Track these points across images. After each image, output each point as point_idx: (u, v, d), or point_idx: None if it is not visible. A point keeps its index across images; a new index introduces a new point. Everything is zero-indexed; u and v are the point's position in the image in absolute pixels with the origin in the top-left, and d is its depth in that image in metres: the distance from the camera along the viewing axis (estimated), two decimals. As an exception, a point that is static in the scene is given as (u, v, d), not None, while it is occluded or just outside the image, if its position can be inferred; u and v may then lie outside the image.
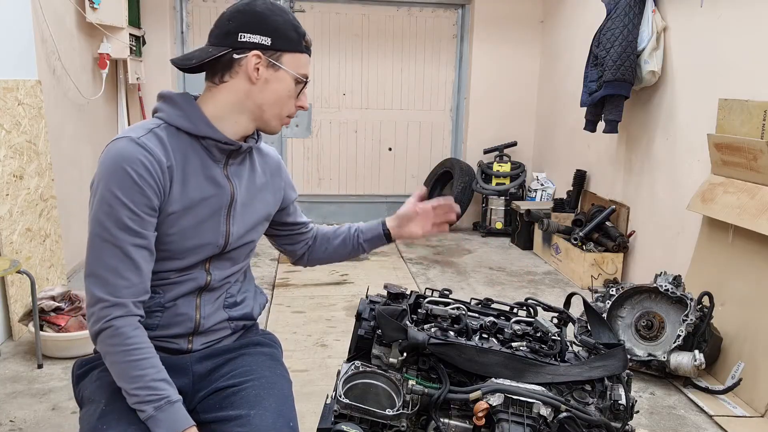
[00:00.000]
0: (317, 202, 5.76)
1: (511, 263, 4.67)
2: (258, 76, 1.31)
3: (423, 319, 1.46)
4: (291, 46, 1.33)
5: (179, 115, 1.32)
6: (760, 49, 2.89)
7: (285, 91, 1.35)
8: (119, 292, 1.22)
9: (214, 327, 1.41)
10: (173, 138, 1.31)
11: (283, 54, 1.33)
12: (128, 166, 1.23)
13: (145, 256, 1.26)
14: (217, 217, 1.36)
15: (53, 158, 3.45)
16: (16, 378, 2.68)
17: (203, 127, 1.32)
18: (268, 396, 1.33)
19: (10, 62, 3.09)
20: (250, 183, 1.43)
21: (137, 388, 1.20)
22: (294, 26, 1.34)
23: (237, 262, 1.44)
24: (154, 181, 1.25)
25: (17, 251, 2.99)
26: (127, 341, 1.21)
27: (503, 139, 5.64)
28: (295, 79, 1.35)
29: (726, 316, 2.85)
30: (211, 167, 1.35)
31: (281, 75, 1.33)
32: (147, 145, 1.26)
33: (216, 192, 1.35)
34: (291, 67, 1.34)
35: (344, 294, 3.87)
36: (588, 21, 4.52)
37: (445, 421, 1.26)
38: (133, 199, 1.23)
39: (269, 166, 1.51)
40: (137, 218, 1.24)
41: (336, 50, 5.54)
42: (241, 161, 1.41)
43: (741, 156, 2.83)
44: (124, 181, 1.22)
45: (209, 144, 1.33)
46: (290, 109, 1.39)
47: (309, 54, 1.39)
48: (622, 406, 1.29)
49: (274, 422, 1.27)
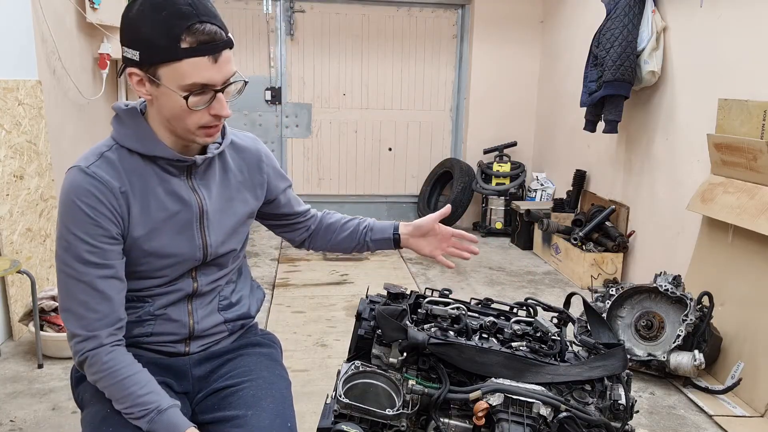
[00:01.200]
0: (317, 202, 5.73)
1: (511, 263, 4.67)
2: (146, 92, 1.19)
3: (423, 319, 1.46)
4: (162, 56, 1.13)
5: (128, 134, 1.26)
6: (760, 49, 2.89)
7: (177, 107, 1.17)
8: (92, 325, 1.22)
9: (210, 330, 1.40)
10: (126, 159, 1.25)
11: (157, 67, 1.14)
12: (78, 199, 1.19)
13: (114, 285, 1.24)
14: (190, 231, 1.31)
15: (53, 158, 3.45)
16: (17, 378, 2.68)
17: (152, 147, 1.24)
18: (265, 396, 1.32)
19: (10, 62, 3.09)
20: (223, 187, 1.36)
21: (128, 408, 1.21)
22: (166, 29, 1.11)
23: (224, 267, 1.40)
24: (108, 210, 1.21)
25: (17, 251, 3.00)
26: (104, 367, 1.22)
27: (503, 139, 5.64)
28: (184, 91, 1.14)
29: (726, 316, 2.85)
30: (173, 182, 1.28)
31: (164, 90, 1.16)
32: (96, 174, 1.21)
33: (181, 207, 1.29)
34: (169, 80, 1.14)
35: (344, 294, 3.87)
36: (588, 21, 4.52)
37: (445, 421, 1.26)
38: (88, 232, 1.20)
39: (246, 161, 1.41)
40: (98, 250, 1.21)
41: (336, 50, 5.54)
42: (207, 167, 1.33)
43: (741, 156, 2.83)
44: (77, 216, 1.20)
45: (163, 162, 1.26)
46: (199, 120, 1.19)
47: (202, 55, 1.13)
48: (622, 406, 1.29)
49: (272, 423, 1.26)
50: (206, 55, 1.13)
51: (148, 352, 1.37)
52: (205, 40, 1.13)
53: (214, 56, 1.15)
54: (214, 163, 1.35)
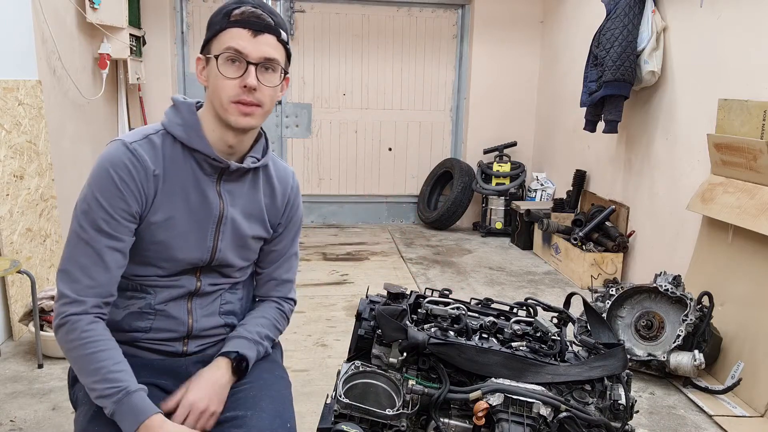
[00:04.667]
0: (317, 202, 5.76)
1: (511, 263, 4.67)
2: (204, 78, 1.31)
3: (423, 319, 1.46)
4: (214, 31, 1.27)
5: (177, 123, 1.31)
6: (760, 49, 2.89)
7: (215, 74, 1.26)
8: (83, 291, 1.23)
9: (209, 331, 1.40)
10: (169, 146, 1.30)
11: (210, 43, 1.28)
12: (112, 169, 1.24)
13: (117, 259, 1.26)
14: (204, 232, 1.33)
15: (53, 158, 3.45)
16: (17, 378, 2.68)
17: (195, 139, 1.30)
18: (265, 397, 1.32)
19: (10, 62, 3.09)
20: (247, 202, 1.38)
21: (95, 382, 1.19)
22: (223, 12, 1.27)
23: (227, 276, 1.41)
24: (136, 187, 1.25)
25: (17, 251, 3.00)
26: (83, 335, 1.21)
27: (503, 139, 5.64)
28: (222, 56, 1.24)
29: (726, 316, 2.85)
30: (204, 181, 1.32)
31: (211, 64, 1.28)
32: (137, 151, 1.26)
33: (203, 206, 1.32)
34: (215, 49, 1.26)
35: (344, 294, 3.87)
36: (588, 21, 4.53)
37: (445, 421, 1.26)
38: (111, 202, 1.23)
39: (274, 188, 1.43)
40: (113, 221, 1.24)
41: (336, 50, 5.54)
42: (239, 178, 1.36)
43: (741, 156, 2.83)
44: (106, 184, 1.23)
45: (200, 158, 1.31)
46: (229, 90, 1.26)
47: (243, 27, 1.24)
48: (622, 405, 1.29)
49: (271, 423, 1.26)
50: (247, 28, 1.24)
51: (147, 351, 1.37)
52: (249, 16, 1.24)
53: (254, 32, 1.24)
54: (247, 177, 1.38)
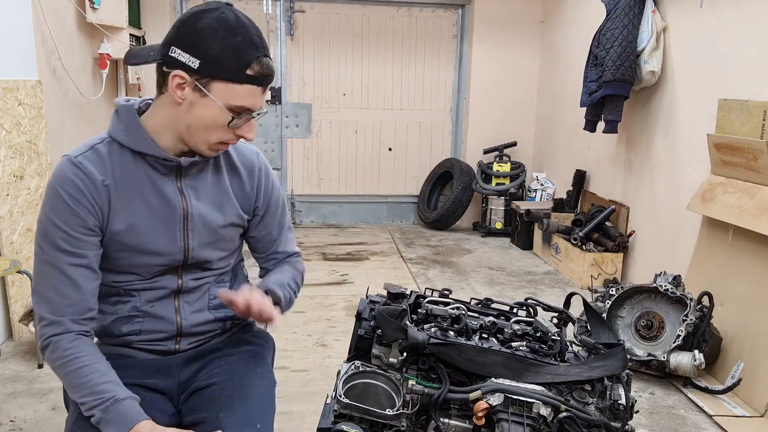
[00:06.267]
0: (317, 202, 5.76)
1: (511, 263, 4.67)
2: (182, 96, 1.22)
3: (423, 319, 1.46)
4: (224, 75, 1.20)
5: (120, 129, 1.29)
6: (760, 49, 2.89)
7: (211, 119, 1.23)
8: (60, 311, 1.23)
9: (200, 328, 1.40)
10: (116, 153, 1.28)
11: (212, 81, 1.20)
12: (60, 187, 1.23)
13: (84, 275, 1.25)
14: (172, 233, 1.31)
15: (53, 158, 3.45)
16: (17, 378, 2.68)
17: (140, 142, 1.27)
18: (238, 397, 1.32)
19: (10, 62, 3.09)
20: (213, 193, 1.36)
21: (83, 396, 1.20)
22: (238, 53, 1.19)
23: (209, 269, 1.39)
24: (87, 201, 1.24)
25: (17, 251, 3.00)
26: (66, 353, 1.22)
27: (503, 139, 5.64)
28: (231, 110, 1.22)
29: (726, 316, 2.85)
30: (161, 181, 1.30)
31: (207, 102, 1.21)
32: (82, 164, 1.24)
33: (164, 207, 1.30)
34: (220, 96, 1.21)
35: (344, 294, 3.87)
36: (588, 21, 4.53)
37: (445, 421, 1.26)
38: (65, 220, 1.23)
39: (240, 173, 1.41)
40: (72, 239, 1.23)
41: (336, 50, 5.54)
42: (200, 171, 1.34)
43: (741, 156, 2.83)
44: (58, 203, 1.23)
45: (151, 159, 1.28)
46: (222, 137, 1.26)
47: (258, 85, 1.23)
48: (622, 405, 1.29)
49: (240, 426, 1.25)
50: (262, 86, 1.24)
51: (140, 352, 1.37)
52: (266, 73, 1.24)
53: (264, 88, 1.26)
54: (208, 168, 1.36)
